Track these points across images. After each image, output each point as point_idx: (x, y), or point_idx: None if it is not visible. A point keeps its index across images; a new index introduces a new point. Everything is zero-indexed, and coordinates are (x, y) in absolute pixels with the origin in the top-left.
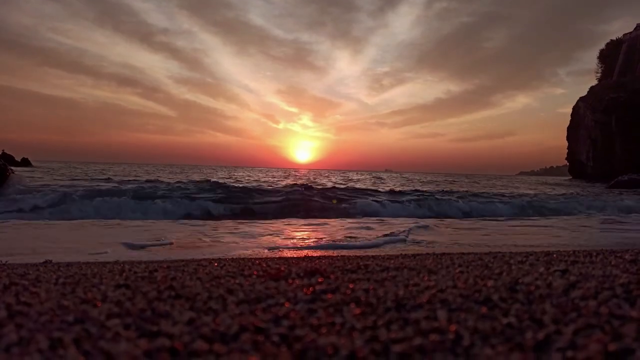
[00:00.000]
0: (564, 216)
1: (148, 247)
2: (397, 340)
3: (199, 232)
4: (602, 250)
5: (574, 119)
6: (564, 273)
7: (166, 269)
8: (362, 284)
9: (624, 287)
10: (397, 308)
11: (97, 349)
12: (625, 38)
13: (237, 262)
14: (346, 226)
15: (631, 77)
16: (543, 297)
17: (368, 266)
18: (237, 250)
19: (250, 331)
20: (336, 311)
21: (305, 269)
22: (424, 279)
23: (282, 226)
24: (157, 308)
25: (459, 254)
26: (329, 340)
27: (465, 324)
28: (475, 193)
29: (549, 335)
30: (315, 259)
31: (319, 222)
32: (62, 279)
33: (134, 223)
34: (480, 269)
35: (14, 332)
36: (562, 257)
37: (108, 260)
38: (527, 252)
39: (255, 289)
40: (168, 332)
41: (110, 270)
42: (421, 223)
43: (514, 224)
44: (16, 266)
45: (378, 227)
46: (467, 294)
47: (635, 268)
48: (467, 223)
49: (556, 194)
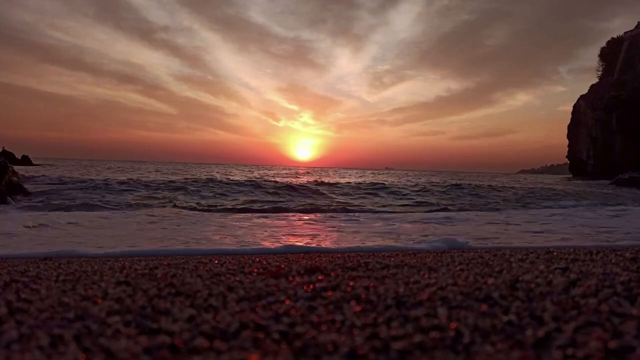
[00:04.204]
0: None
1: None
2: (398, 337)
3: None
4: (603, 248)
5: (574, 117)
6: (564, 271)
7: (166, 266)
8: (363, 282)
9: (625, 285)
10: (398, 305)
11: (98, 345)
12: (627, 36)
13: (238, 260)
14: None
15: (632, 75)
16: (543, 294)
17: (368, 264)
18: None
19: (250, 328)
20: (336, 308)
21: (305, 266)
22: (425, 276)
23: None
24: (158, 305)
25: (459, 252)
26: (329, 337)
27: (466, 321)
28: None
29: (550, 332)
30: (316, 257)
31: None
32: (63, 276)
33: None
34: (480, 267)
35: (14, 329)
36: (562, 255)
37: (109, 257)
38: (527, 249)
39: (256, 287)
40: (168, 329)
41: (110, 268)
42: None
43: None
44: (17, 263)
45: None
46: (467, 292)
47: (635, 266)
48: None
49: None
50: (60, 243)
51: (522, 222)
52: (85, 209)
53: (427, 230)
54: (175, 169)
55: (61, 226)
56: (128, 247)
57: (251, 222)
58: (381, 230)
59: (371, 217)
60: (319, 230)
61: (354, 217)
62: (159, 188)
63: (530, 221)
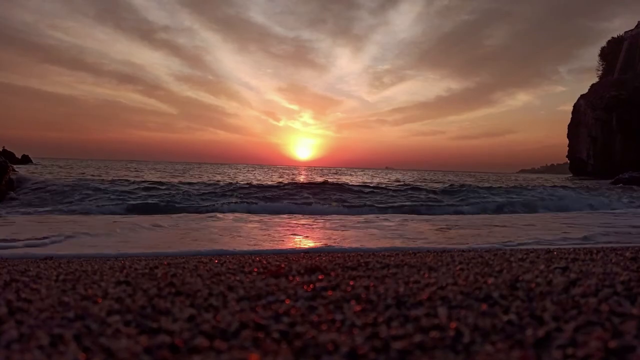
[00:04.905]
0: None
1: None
2: (398, 337)
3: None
4: (603, 247)
5: (574, 117)
6: (564, 270)
7: (167, 265)
8: (363, 281)
9: (625, 285)
10: (398, 305)
11: (98, 345)
12: (627, 36)
13: (238, 259)
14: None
15: (632, 74)
16: (543, 294)
17: (368, 263)
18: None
19: (250, 328)
20: (336, 308)
21: (305, 266)
22: (425, 276)
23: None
24: (158, 305)
25: (459, 251)
26: (329, 337)
27: (466, 321)
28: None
29: (550, 332)
30: (316, 256)
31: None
32: (63, 276)
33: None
34: (480, 266)
35: (14, 328)
36: (562, 255)
37: (109, 257)
38: (527, 249)
39: (256, 286)
40: (168, 328)
41: (110, 267)
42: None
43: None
44: (17, 263)
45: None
46: (467, 291)
47: (635, 266)
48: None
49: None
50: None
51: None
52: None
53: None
54: (196, 170)
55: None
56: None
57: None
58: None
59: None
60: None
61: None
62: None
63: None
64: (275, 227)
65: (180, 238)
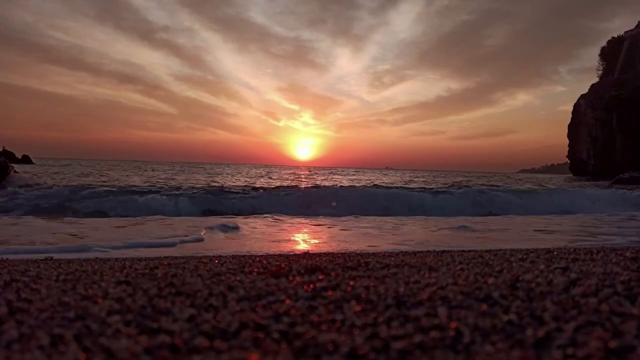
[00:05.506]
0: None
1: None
2: (398, 337)
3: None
4: (603, 247)
5: (574, 117)
6: (564, 270)
7: (167, 266)
8: (363, 281)
9: (625, 285)
10: (398, 305)
11: (98, 345)
12: (627, 35)
13: (238, 259)
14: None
15: (632, 74)
16: (544, 294)
17: (368, 263)
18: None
19: (250, 328)
20: (337, 308)
21: (305, 266)
22: (425, 276)
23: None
24: (158, 305)
25: (459, 251)
26: (329, 337)
27: (466, 321)
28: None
29: (550, 332)
30: (316, 256)
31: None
32: (63, 276)
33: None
34: (480, 266)
35: (14, 328)
36: (562, 255)
37: (109, 257)
38: (527, 249)
39: (256, 286)
40: (169, 328)
41: (111, 267)
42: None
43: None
44: (17, 263)
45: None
46: (467, 291)
47: (635, 265)
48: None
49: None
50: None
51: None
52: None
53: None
54: (213, 171)
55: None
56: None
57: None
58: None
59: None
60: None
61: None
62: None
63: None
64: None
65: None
